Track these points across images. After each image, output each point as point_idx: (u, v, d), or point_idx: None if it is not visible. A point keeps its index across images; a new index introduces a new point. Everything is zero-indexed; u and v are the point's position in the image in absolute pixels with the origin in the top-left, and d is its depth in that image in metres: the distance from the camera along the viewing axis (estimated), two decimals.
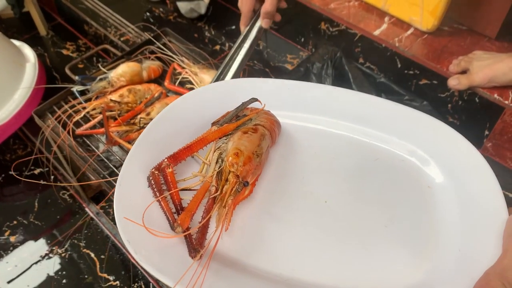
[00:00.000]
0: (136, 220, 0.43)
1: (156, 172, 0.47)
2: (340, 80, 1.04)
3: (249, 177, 0.49)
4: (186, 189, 0.49)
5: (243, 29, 0.90)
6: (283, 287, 0.44)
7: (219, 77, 0.84)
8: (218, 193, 0.47)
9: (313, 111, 0.60)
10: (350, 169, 0.55)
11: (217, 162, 0.50)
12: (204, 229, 0.46)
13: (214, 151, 0.52)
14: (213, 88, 0.62)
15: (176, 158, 0.48)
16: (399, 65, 1.07)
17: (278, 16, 0.93)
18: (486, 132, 1.01)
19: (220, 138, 0.53)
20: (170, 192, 0.47)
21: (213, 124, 0.54)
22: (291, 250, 0.47)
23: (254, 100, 0.57)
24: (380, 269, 0.47)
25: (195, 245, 0.44)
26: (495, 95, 0.93)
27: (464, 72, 0.96)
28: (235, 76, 0.83)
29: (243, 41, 0.88)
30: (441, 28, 1.05)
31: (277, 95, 0.61)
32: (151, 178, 0.47)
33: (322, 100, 0.60)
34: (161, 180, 0.47)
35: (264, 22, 0.89)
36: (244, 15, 0.90)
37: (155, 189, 0.47)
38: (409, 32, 1.07)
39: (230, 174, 0.48)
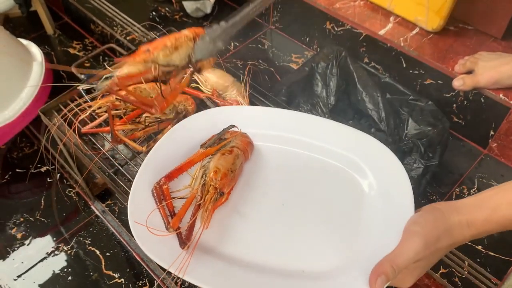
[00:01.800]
0: (142, 223, 0.59)
1: (157, 186, 0.63)
2: (345, 80, 1.03)
3: (225, 188, 0.64)
4: (178, 198, 0.65)
5: None
6: (247, 267, 0.59)
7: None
8: (202, 201, 0.63)
9: (277, 130, 0.76)
10: (302, 179, 0.71)
11: (202, 177, 0.66)
12: (191, 227, 0.61)
13: (200, 168, 0.67)
14: (203, 115, 0.78)
15: (170, 177, 0.64)
16: (404, 65, 1.06)
17: None
18: (492, 133, 1.01)
19: (205, 158, 0.69)
20: (166, 202, 0.63)
21: (201, 146, 0.70)
22: (255, 240, 0.63)
23: (232, 126, 0.74)
24: (316, 252, 0.62)
25: (184, 239, 0.59)
26: (501, 95, 0.93)
27: (469, 72, 0.96)
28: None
29: None
30: (446, 28, 1.05)
31: (251, 119, 0.77)
32: (154, 191, 0.63)
33: (286, 122, 0.76)
34: (161, 195, 0.63)
35: None
36: None
37: (156, 200, 0.63)
38: (415, 32, 1.07)
39: (210, 186, 0.63)
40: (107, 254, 1.04)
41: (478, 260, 0.87)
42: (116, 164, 0.81)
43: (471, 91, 0.96)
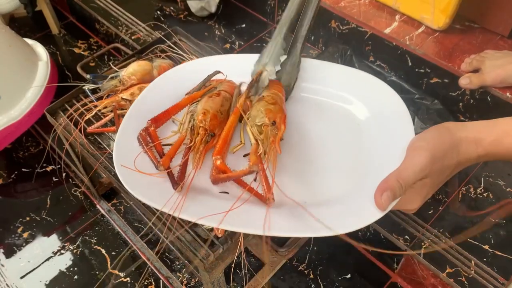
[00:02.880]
0: (130, 168, 0.57)
1: (143, 132, 0.60)
2: None
3: (215, 129, 0.63)
4: (166, 144, 0.63)
5: None
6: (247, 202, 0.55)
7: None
8: (192, 143, 0.61)
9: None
10: (301, 119, 0.70)
11: (190, 121, 0.64)
12: (183, 168, 0.59)
13: (188, 113, 0.66)
14: (187, 66, 0.77)
15: (157, 120, 0.62)
16: (410, 64, 1.06)
17: None
18: None
19: (192, 104, 0.68)
20: (154, 144, 0.60)
21: (186, 94, 0.69)
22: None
23: (217, 72, 0.73)
24: (321, 184, 0.61)
25: (176, 180, 0.57)
26: (508, 94, 0.93)
27: (476, 71, 0.95)
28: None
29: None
30: (452, 26, 1.05)
31: (236, 67, 0.75)
32: (139, 137, 0.60)
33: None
34: (148, 139, 0.61)
35: None
36: None
37: (143, 144, 0.60)
38: (420, 30, 1.06)
39: (200, 128, 0.62)
40: (113, 253, 1.04)
41: (485, 259, 0.87)
42: None
43: (477, 89, 0.96)
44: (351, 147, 0.66)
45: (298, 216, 0.54)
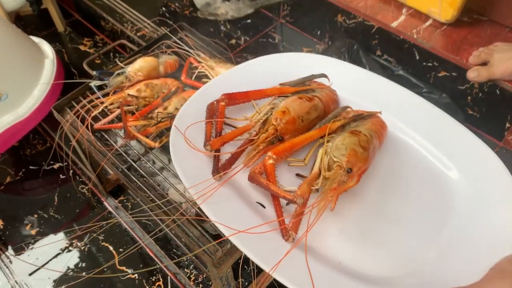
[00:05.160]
0: (182, 138, 0.53)
1: (213, 104, 0.55)
2: None
3: (286, 135, 0.55)
4: (229, 124, 0.58)
5: None
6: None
7: None
8: (255, 137, 0.54)
9: (373, 102, 0.66)
10: (389, 165, 0.60)
11: (266, 113, 0.57)
12: (232, 158, 0.54)
13: (269, 104, 0.59)
14: (286, 56, 0.69)
15: (232, 97, 0.55)
16: (417, 57, 1.05)
17: None
18: (507, 125, 0.99)
19: (279, 97, 0.60)
20: (217, 120, 0.54)
21: (280, 84, 0.62)
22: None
23: (323, 75, 0.64)
24: (372, 252, 0.51)
25: (219, 167, 0.52)
26: None
27: (484, 64, 0.94)
28: None
29: None
30: (460, 19, 1.03)
31: (347, 79, 0.67)
32: (209, 106, 0.56)
33: (384, 94, 0.66)
34: (215, 114, 0.55)
35: None
36: None
37: (207, 114, 0.55)
38: (428, 23, 1.05)
39: (271, 126, 0.55)
40: (120, 250, 1.05)
41: None
42: (129, 160, 0.81)
43: (486, 82, 0.95)
44: (431, 225, 0.54)
45: (316, 272, 0.45)
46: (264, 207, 0.53)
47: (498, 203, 0.52)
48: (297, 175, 0.56)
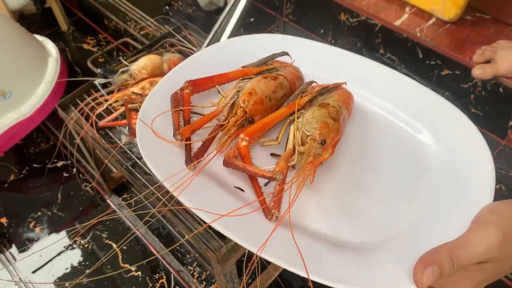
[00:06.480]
0: (149, 131, 0.51)
1: (177, 93, 0.54)
2: None
3: (256, 115, 0.54)
4: (196, 113, 0.56)
5: None
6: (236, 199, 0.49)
7: (213, 37, 0.79)
8: (225, 122, 0.53)
9: (336, 75, 0.64)
10: (364, 136, 0.60)
11: (233, 97, 0.56)
12: (204, 146, 0.53)
13: (234, 87, 0.58)
14: (245, 40, 0.68)
15: (196, 83, 0.54)
16: (420, 56, 1.05)
17: None
18: (510, 123, 0.99)
19: (243, 79, 0.59)
20: (183, 108, 0.53)
21: (242, 67, 0.61)
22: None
23: (285, 53, 0.63)
24: (355, 222, 0.51)
25: (192, 156, 0.51)
26: None
27: (488, 62, 0.94)
28: (232, 35, 0.79)
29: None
30: (463, 17, 1.03)
31: (308, 55, 0.66)
32: (173, 96, 0.54)
33: (347, 67, 0.65)
34: (180, 103, 0.54)
35: None
36: None
37: (172, 105, 0.54)
38: (431, 22, 1.05)
39: (240, 108, 0.54)
40: (124, 247, 1.05)
41: None
42: (134, 157, 0.82)
43: (489, 81, 0.95)
44: (406, 188, 0.54)
45: (304, 246, 0.45)
46: (243, 190, 0.52)
47: (472, 157, 0.53)
48: (272, 154, 0.56)
